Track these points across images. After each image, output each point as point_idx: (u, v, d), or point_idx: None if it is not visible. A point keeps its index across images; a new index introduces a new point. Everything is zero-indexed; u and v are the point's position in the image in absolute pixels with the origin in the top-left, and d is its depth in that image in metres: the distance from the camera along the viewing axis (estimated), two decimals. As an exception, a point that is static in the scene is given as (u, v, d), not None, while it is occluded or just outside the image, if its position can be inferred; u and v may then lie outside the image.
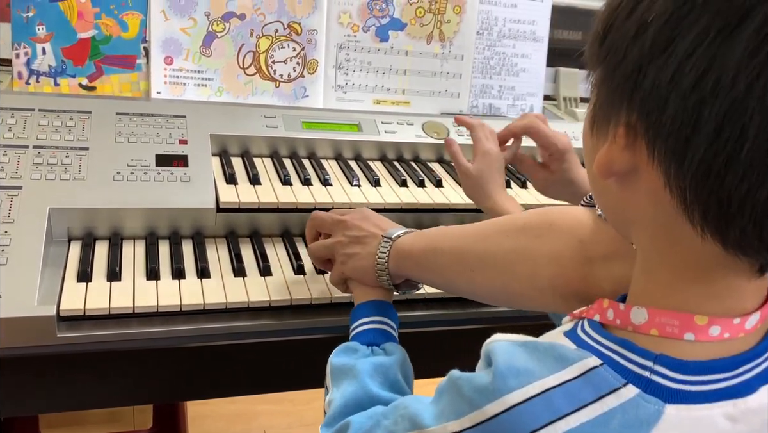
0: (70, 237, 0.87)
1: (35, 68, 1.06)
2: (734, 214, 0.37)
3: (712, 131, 0.36)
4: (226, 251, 0.91)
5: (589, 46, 0.44)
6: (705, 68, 0.36)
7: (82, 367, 0.75)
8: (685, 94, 0.37)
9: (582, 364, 0.42)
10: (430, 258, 0.71)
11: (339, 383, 0.65)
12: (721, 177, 0.36)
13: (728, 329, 0.42)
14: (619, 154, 0.41)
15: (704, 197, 0.38)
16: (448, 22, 1.25)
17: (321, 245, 0.80)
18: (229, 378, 0.83)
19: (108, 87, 1.10)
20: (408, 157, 1.17)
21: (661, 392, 0.40)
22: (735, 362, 0.42)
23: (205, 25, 1.12)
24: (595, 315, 0.46)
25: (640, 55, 0.39)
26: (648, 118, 0.39)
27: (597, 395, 0.41)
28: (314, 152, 1.12)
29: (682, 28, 0.37)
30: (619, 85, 0.41)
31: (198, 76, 1.13)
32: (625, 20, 0.40)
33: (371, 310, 0.73)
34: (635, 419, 0.40)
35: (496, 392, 0.42)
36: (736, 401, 0.41)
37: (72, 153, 0.92)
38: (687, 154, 0.37)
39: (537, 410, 0.41)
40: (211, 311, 0.80)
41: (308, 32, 1.18)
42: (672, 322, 0.42)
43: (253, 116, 1.10)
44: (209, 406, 1.92)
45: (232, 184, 0.97)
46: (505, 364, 0.43)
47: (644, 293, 0.45)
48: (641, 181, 0.41)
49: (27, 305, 0.73)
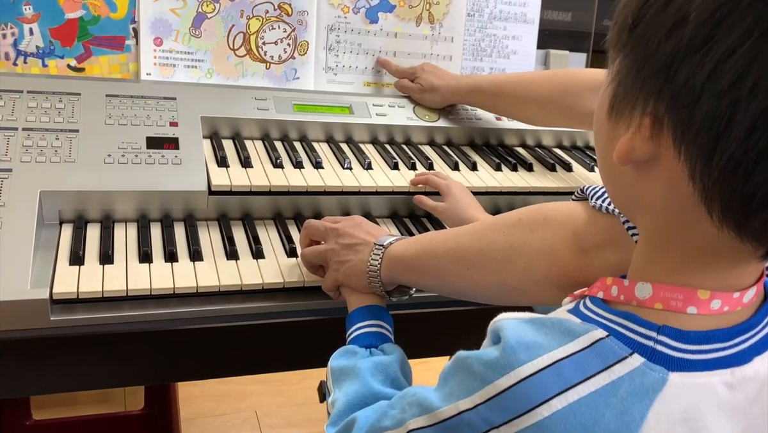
0: (62, 220, 0.87)
1: (22, 49, 1.05)
2: (756, 208, 0.38)
3: (744, 131, 0.37)
4: (218, 234, 0.91)
5: (615, 34, 0.44)
6: (744, 70, 0.36)
7: (75, 350, 0.76)
8: (720, 93, 0.37)
9: (589, 336, 0.43)
10: (425, 261, 0.72)
11: (341, 384, 0.66)
12: (748, 174, 0.37)
13: (728, 302, 0.44)
14: (641, 143, 0.42)
15: (729, 192, 0.39)
16: (438, 3, 1.24)
17: (313, 252, 0.81)
18: (221, 360, 0.83)
19: (97, 68, 1.09)
20: (399, 139, 1.17)
21: (665, 361, 0.42)
22: (732, 333, 0.44)
23: (194, 6, 1.11)
24: (599, 292, 0.48)
25: (675, 50, 0.39)
26: (678, 114, 0.39)
27: (604, 365, 0.42)
28: (305, 135, 1.11)
29: (723, 27, 0.37)
30: (648, 76, 0.41)
31: (188, 58, 1.12)
32: (660, 12, 0.40)
33: (366, 314, 0.74)
34: (641, 386, 0.42)
35: (507, 366, 0.44)
36: (733, 369, 0.44)
37: (62, 135, 0.91)
38: (716, 152, 0.38)
39: (548, 381, 0.42)
40: (204, 293, 0.80)
41: (299, 13, 1.17)
42: (676, 296, 0.44)
43: (244, 98, 1.09)
44: (200, 387, 1.93)
45: (223, 167, 0.96)
46: (515, 338, 0.44)
47: (647, 271, 0.46)
48: (660, 170, 0.42)
49: (20, 288, 0.73)
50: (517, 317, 0.47)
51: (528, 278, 0.63)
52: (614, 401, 0.42)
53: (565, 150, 1.27)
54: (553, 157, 1.21)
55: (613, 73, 0.45)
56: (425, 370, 0.82)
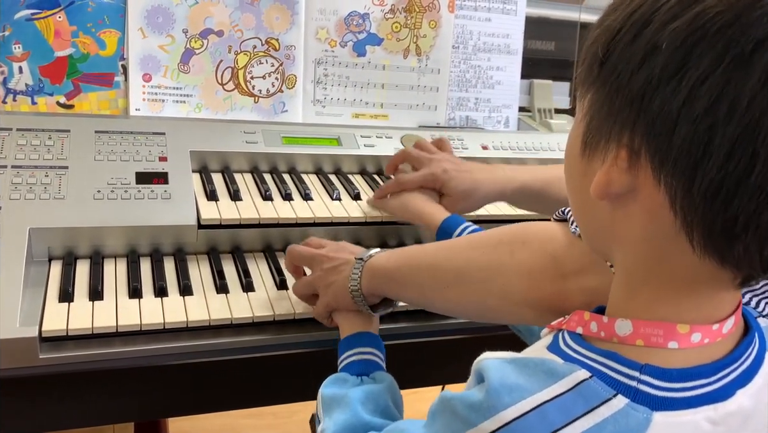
0: (51, 256, 0.87)
1: (12, 87, 1.06)
2: (738, 234, 0.38)
3: (723, 155, 0.37)
4: (208, 268, 0.91)
5: (586, 69, 0.45)
6: (718, 94, 0.37)
7: (65, 387, 0.75)
8: (696, 118, 0.37)
9: (572, 377, 0.43)
10: (406, 274, 0.72)
11: (331, 413, 0.66)
12: (729, 199, 0.37)
13: (708, 334, 0.44)
14: (618, 175, 0.42)
15: (710, 218, 0.39)
16: (424, 36, 1.27)
17: (303, 283, 0.83)
18: (213, 394, 0.83)
19: (86, 105, 1.09)
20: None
21: (648, 401, 0.42)
22: (715, 368, 0.44)
23: (183, 42, 1.12)
24: (578, 328, 0.47)
25: (648, 79, 0.39)
26: (655, 142, 0.40)
27: (589, 407, 0.42)
28: (294, 167, 1.12)
29: (695, 53, 0.37)
30: (621, 108, 0.41)
31: (177, 93, 1.13)
32: (630, 44, 0.40)
33: (358, 341, 0.74)
34: (626, 427, 0.41)
35: (491, 409, 0.43)
36: (716, 405, 0.43)
37: (51, 172, 0.92)
38: (696, 177, 0.38)
39: (532, 425, 0.42)
40: (195, 328, 0.80)
41: (286, 48, 1.19)
42: (656, 332, 0.43)
43: (233, 132, 1.10)
44: (191, 422, 1.91)
45: (213, 201, 0.97)
46: (498, 381, 0.44)
47: (626, 306, 0.46)
48: (638, 201, 0.42)
49: (8, 326, 0.72)
50: (499, 356, 0.46)
51: (505, 300, 0.63)
52: None
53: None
54: (540, 184, 1.22)
55: (585, 110, 0.45)
56: (418, 400, 0.82)
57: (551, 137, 1.30)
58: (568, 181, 0.50)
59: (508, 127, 1.35)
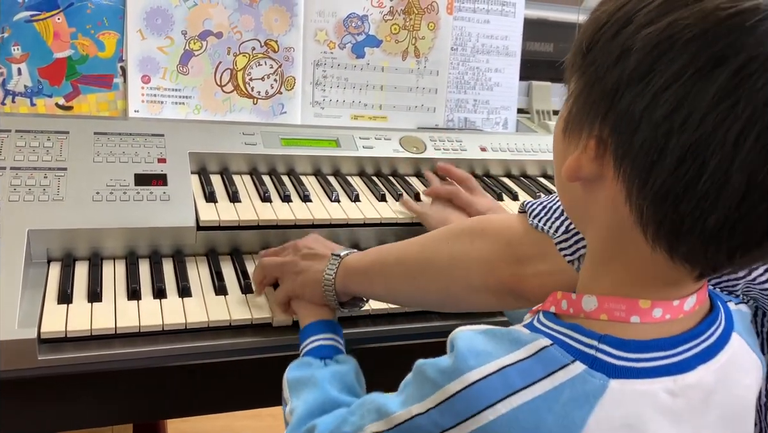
0: (50, 258, 0.87)
1: (11, 89, 1.06)
2: (685, 233, 0.41)
3: (675, 160, 0.39)
4: (206, 270, 0.91)
5: (572, 56, 0.47)
6: (678, 103, 0.39)
7: (63, 389, 0.75)
8: (656, 123, 0.40)
9: (534, 344, 0.46)
10: (377, 270, 0.75)
11: (299, 393, 0.68)
12: (678, 201, 0.40)
13: (669, 310, 0.46)
14: (587, 162, 0.45)
15: (660, 216, 0.41)
16: (423, 38, 1.27)
17: (272, 262, 0.83)
18: (212, 396, 0.83)
19: (85, 106, 1.10)
20: (386, 171, 1.18)
21: (605, 368, 0.44)
22: (674, 342, 0.46)
23: (182, 44, 1.12)
24: (551, 307, 0.50)
25: (619, 79, 0.41)
26: (619, 138, 0.42)
27: (547, 372, 0.45)
28: (293, 168, 1.12)
29: (661, 61, 0.39)
30: (596, 100, 0.44)
31: (176, 95, 1.13)
32: (610, 41, 0.42)
33: (320, 328, 0.76)
34: (582, 392, 0.44)
35: (457, 372, 0.46)
36: (675, 377, 0.45)
37: (50, 174, 0.92)
38: (650, 177, 0.41)
39: (494, 386, 0.45)
40: (193, 330, 0.80)
41: (285, 49, 1.19)
42: (619, 306, 0.46)
43: (232, 134, 1.10)
44: (190, 423, 1.91)
45: (211, 203, 0.97)
46: (466, 347, 0.47)
47: (593, 284, 0.49)
48: (604, 189, 0.45)
49: (7, 328, 0.72)
50: (472, 328, 0.49)
51: (468, 286, 0.67)
52: (556, 407, 0.44)
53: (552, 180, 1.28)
54: (539, 187, 1.23)
55: (569, 93, 0.48)
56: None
57: (550, 139, 1.28)
58: (554, 157, 0.53)
59: (506, 128, 1.35)
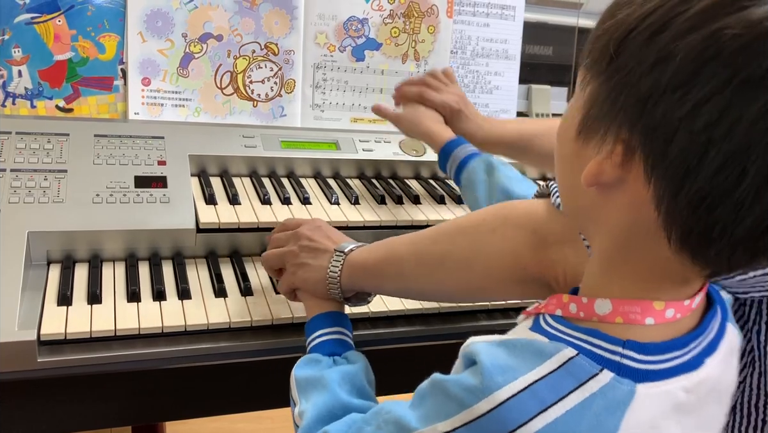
0: (50, 260, 0.87)
1: (11, 91, 1.06)
2: (714, 239, 0.41)
3: (714, 169, 0.39)
4: (206, 272, 0.91)
5: (597, 58, 0.45)
6: (721, 113, 0.38)
7: (63, 391, 0.75)
8: (695, 132, 0.39)
9: (560, 355, 0.45)
10: (389, 266, 0.74)
11: (308, 395, 0.66)
12: (713, 208, 0.40)
13: (680, 310, 0.47)
14: (611, 168, 0.44)
15: (691, 222, 0.41)
16: (423, 41, 1.27)
17: (274, 254, 0.82)
18: (211, 398, 0.83)
19: (85, 109, 1.10)
20: (386, 174, 1.19)
21: (631, 374, 0.44)
22: (686, 341, 0.47)
23: (182, 46, 1.13)
24: (557, 310, 0.49)
25: (656, 85, 0.40)
26: (652, 146, 0.41)
27: (578, 383, 0.44)
28: (293, 171, 1.13)
29: (704, 71, 0.38)
30: (625, 106, 0.42)
31: (176, 97, 1.14)
32: (645, 46, 0.41)
33: (327, 321, 0.75)
34: (613, 400, 0.44)
35: (485, 390, 0.44)
36: (689, 375, 0.46)
37: (50, 176, 0.92)
38: (685, 185, 0.40)
39: (525, 403, 0.44)
40: (193, 332, 0.80)
41: (285, 52, 1.19)
42: (635, 309, 0.46)
43: (232, 136, 1.11)
44: (188, 425, 1.91)
45: (211, 205, 0.97)
46: (491, 362, 0.45)
47: (603, 287, 0.48)
48: (624, 193, 0.44)
49: (7, 329, 0.72)
50: (487, 340, 0.48)
51: (490, 277, 0.65)
52: (589, 416, 0.43)
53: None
54: (537, 189, 1.23)
55: (586, 97, 0.46)
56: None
57: (549, 142, 1.30)
58: (559, 160, 0.51)
59: (506, 131, 1.35)
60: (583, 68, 0.47)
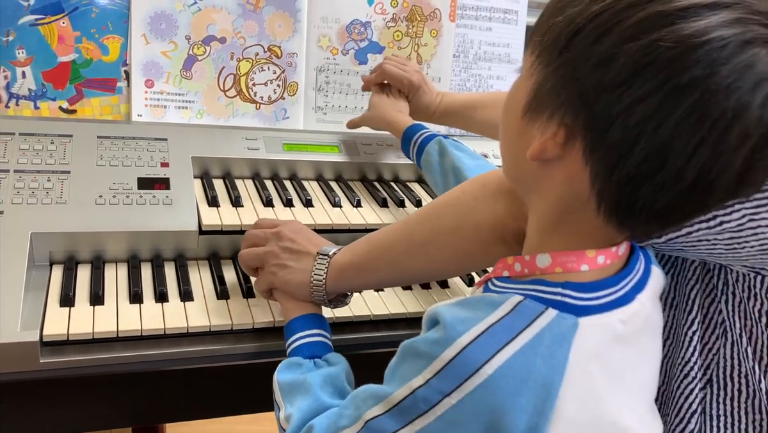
0: (52, 261, 0.87)
1: (15, 92, 1.06)
2: (636, 212, 0.49)
3: (642, 157, 0.46)
4: (208, 274, 0.91)
5: (545, 49, 0.50)
6: (651, 113, 0.44)
7: (65, 392, 0.75)
8: (628, 126, 0.45)
9: (510, 302, 0.51)
10: (377, 257, 0.75)
11: (292, 399, 0.68)
12: (637, 189, 0.47)
13: (609, 256, 0.54)
14: (553, 147, 0.50)
15: (618, 198, 0.48)
16: (426, 45, 1.27)
17: (251, 254, 0.82)
18: (213, 400, 0.83)
19: (88, 110, 1.10)
20: (388, 177, 1.19)
21: (573, 309, 0.51)
22: (617, 280, 0.54)
23: (185, 49, 1.13)
24: (504, 272, 0.57)
25: (598, 83, 0.46)
26: (591, 134, 0.47)
27: (528, 322, 0.50)
28: (295, 173, 1.13)
29: (640, 76, 0.44)
30: (569, 96, 0.48)
31: (179, 99, 1.14)
32: (590, 46, 0.46)
33: (306, 324, 0.76)
34: (559, 333, 0.50)
35: (449, 339, 0.50)
36: (623, 308, 0.53)
37: (53, 177, 0.92)
38: (617, 168, 0.47)
39: (485, 344, 0.50)
40: (195, 334, 0.80)
41: (288, 55, 1.19)
42: (571, 258, 0.53)
43: (235, 138, 1.11)
44: (189, 426, 1.91)
45: (214, 207, 0.97)
46: (451, 317, 0.52)
47: (542, 245, 0.55)
48: (564, 169, 0.50)
49: (9, 330, 0.72)
50: (447, 303, 0.54)
51: (478, 240, 0.69)
52: (541, 350, 0.49)
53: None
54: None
55: (535, 80, 0.51)
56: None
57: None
58: (504, 133, 0.57)
59: (508, 135, 1.35)
60: (531, 54, 0.52)
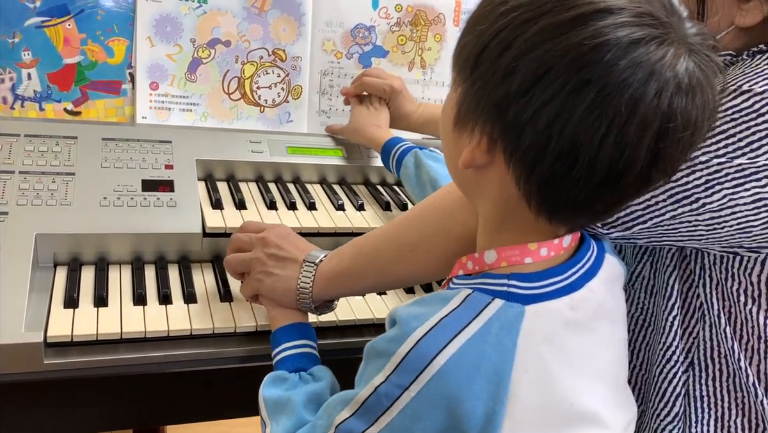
0: (56, 262, 0.87)
1: (20, 93, 1.07)
2: (561, 207, 0.53)
3: (554, 158, 0.49)
4: (212, 276, 0.91)
5: (461, 63, 0.54)
6: (555, 116, 0.48)
7: (68, 393, 0.75)
8: (538, 130, 0.49)
9: (459, 296, 0.54)
10: (365, 263, 0.76)
11: (278, 418, 0.68)
12: (555, 186, 0.51)
13: (552, 248, 0.57)
14: (480, 154, 0.54)
15: (542, 196, 0.52)
16: (429, 49, 1.28)
17: (237, 259, 0.81)
18: (216, 402, 0.83)
19: (93, 112, 1.10)
20: (391, 181, 1.19)
21: (519, 298, 0.54)
22: (563, 269, 0.57)
23: (190, 52, 1.13)
24: (459, 271, 0.60)
25: (505, 94, 0.49)
26: (507, 140, 0.51)
27: (476, 312, 0.53)
28: (299, 176, 1.13)
29: (540, 83, 0.48)
30: (485, 108, 0.52)
31: (183, 101, 1.14)
32: (495, 61, 0.50)
33: (293, 334, 0.75)
34: (507, 321, 0.53)
35: (404, 335, 0.53)
36: (572, 295, 0.56)
37: (58, 178, 0.92)
38: (534, 169, 0.51)
39: (437, 336, 0.52)
40: (199, 336, 0.80)
41: (293, 59, 1.20)
42: (514, 252, 0.56)
43: (239, 141, 1.11)
44: (190, 429, 1.90)
45: (218, 209, 0.98)
46: (407, 315, 0.55)
47: (490, 243, 0.58)
48: (493, 172, 0.54)
49: (14, 331, 0.73)
50: (405, 303, 0.57)
51: (466, 235, 0.69)
52: (490, 338, 0.52)
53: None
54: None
55: (458, 95, 0.55)
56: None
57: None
58: (444, 146, 0.61)
59: (511, 140, 1.35)
60: (453, 70, 0.56)
